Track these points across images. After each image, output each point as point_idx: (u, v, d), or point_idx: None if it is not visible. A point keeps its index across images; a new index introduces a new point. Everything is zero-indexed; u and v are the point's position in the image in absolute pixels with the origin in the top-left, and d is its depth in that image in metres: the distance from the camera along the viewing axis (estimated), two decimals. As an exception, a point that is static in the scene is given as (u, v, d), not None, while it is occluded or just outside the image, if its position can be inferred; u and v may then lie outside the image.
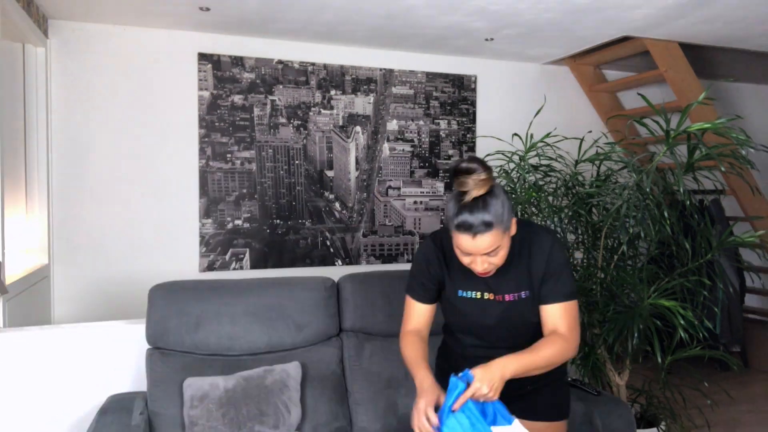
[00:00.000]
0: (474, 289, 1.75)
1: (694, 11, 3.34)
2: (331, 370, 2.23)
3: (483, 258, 1.60)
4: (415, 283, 1.80)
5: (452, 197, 1.60)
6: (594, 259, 2.69)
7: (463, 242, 1.58)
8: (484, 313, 1.75)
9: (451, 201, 1.60)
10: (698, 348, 2.68)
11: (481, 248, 1.57)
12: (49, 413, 2.23)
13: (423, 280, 1.79)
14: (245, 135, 3.92)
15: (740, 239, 2.52)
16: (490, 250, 1.58)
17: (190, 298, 2.18)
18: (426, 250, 1.80)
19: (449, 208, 1.60)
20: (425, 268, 1.78)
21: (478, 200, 1.55)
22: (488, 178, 1.56)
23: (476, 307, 1.75)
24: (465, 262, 1.64)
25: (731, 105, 5.33)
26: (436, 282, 1.78)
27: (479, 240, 1.56)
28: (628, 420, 2.07)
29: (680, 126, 2.30)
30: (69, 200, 3.58)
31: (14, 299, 2.69)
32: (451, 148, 4.45)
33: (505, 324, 1.75)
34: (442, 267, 1.77)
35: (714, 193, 4.35)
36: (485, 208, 1.54)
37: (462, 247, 1.59)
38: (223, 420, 1.95)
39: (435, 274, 1.78)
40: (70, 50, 3.57)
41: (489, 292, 1.74)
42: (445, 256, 1.77)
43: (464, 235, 1.56)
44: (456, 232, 1.57)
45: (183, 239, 3.81)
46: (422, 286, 1.79)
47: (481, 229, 1.54)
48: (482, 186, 1.54)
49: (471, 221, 1.54)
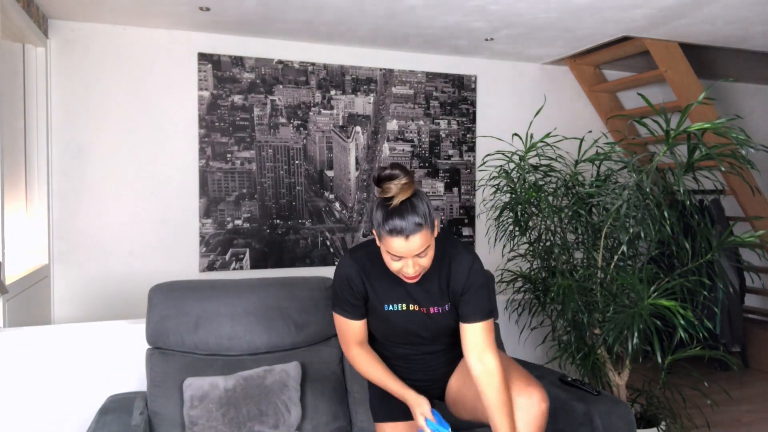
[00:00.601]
0: (399, 301, 1.80)
1: (694, 11, 3.34)
2: (331, 370, 2.23)
3: (414, 260, 1.65)
4: (341, 301, 1.83)
5: (377, 205, 1.66)
6: (594, 259, 2.69)
7: (396, 245, 1.62)
8: (413, 323, 1.83)
9: (378, 209, 1.65)
10: (698, 348, 2.68)
11: (413, 249, 1.62)
12: (49, 413, 2.23)
13: (349, 299, 1.82)
14: (245, 135, 3.92)
15: (740, 239, 2.52)
16: (421, 250, 1.63)
17: (190, 298, 2.18)
18: (346, 268, 1.82)
19: (377, 216, 1.64)
20: (347, 286, 1.81)
21: (405, 203, 1.61)
22: (410, 183, 1.63)
23: (404, 319, 1.82)
24: (395, 269, 1.68)
25: (731, 105, 5.33)
26: (361, 298, 1.82)
27: (412, 241, 1.61)
28: (628, 420, 2.07)
29: (680, 126, 2.30)
30: (69, 200, 3.58)
31: (14, 299, 2.69)
32: (451, 148, 4.45)
33: (433, 333, 1.85)
34: (364, 283, 1.80)
35: (714, 193, 4.35)
36: (413, 209, 1.61)
37: (395, 250, 1.63)
38: (223, 420, 1.95)
39: (358, 291, 1.81)
40: (70, 50, 3.57)
41: (414, 304, 1.80)
42: (365, 272, 1.80)
43: (397, 238, 1.60)
44: (388, 237, 1.62)
45: (183, 239, 3.81)
46: (350, 303, 1.82)
47: (412, 229, 1.60)
48: (407, 190, 1.61)
49: (402, 224, 1.59)
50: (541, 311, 2.89)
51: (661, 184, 2.53)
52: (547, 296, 2.80)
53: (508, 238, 2.92)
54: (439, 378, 1.99)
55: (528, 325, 3.02)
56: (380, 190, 1.65)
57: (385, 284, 1.80)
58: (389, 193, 1.62)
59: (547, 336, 2.97)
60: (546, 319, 2.97)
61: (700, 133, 2.33)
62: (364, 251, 1.84)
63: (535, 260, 2.91)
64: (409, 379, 1.94)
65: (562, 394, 2.12)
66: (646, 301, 2.39)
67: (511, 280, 2.99)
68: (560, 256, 2.74)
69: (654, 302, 2.37)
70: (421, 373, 1.96)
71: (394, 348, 1.92)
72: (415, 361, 1.94)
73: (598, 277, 2.64)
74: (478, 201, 4.48)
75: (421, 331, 1.84)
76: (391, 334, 1.86)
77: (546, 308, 2.85)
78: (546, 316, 2.89)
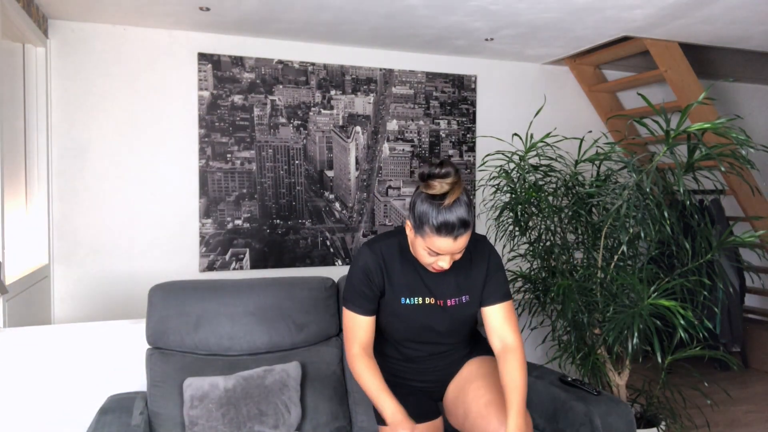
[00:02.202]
0: (416, 295, 1.78)
1: (694, 11, 3.34)
2: (331, 370, 2.23)
3: (451, 256, 1.64)
4: (355, 295, 1.78)
5: (423, 199, 1.61)
6: (594, 259, 2.69)
7: (442, 244, 1.59)
8: (429, 317, 1.79)
9: (424, 203, 1.60)
10: (698, 348, 2.68)
11: (459, 248, 1.61)
12: (49, 413, 2.23)
13: (365, 292, 1.77)
14: (245, 135, 3.92)
15: (740, 239, 2.52)
16: (464, 248, 1.63)
17: (190, 298, 2.18)
18: (366, 260, 1.77)
19: (424, 211, 1.60)
20: (365, 278, 1.77)
21: (456, 203, 1.58)
22: (460, 181, 1.60)
23: (421, 313, 1.79)
24: (428, 261, 1.66)
25: (731, 105, 5.33)
26: (377, 291, 1.78)
27: (459, 241, 1.59)
28: (628, 420, 2.06)
29: (680, 126, 2.30)
30: (69, 200, 3.58)
31: (14, 299, 2.69)
32: (451, 148, 4.45)
33: (448, 326, 1.81)
34: (383, 276, 1.77)
35: (714, 193, 4.35)
36: (464, 211, 1.58)
37: (440, 248, 1.60)
38: (223, 420, 1.95)
39: (377, 284, 1.77)
40: (70, 50, 3.57)
41: (431, 297, 1.78)
42: (386, 265, 1.77)
43: (446, 237, 1.58)
44: (435, 235, 1.59)
45: (183, 239, 3.81)
46: (365, 297, 1.77)
47: (462, 231, 1.58)
48: (458, 189, 1.58)
49: (453, 224, 1.57)
50: (541, 311, 2.89)
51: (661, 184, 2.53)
52: (547, 296, 2.80)
53: (508, 238, 2.92)
54: (445, 379, 1.97)
55: (528, 325, 3.02)
56: (425, 185, 1.61)
57: (402, 277, 1.77)
58: (436, 190, 1.58)
59: (547, 336, 2.97)
60: (546, 319, 2.97)
61: (700, 133, 2.33)
62: (383, 243, 1.80)
63: (535, 260, 2.91)
64: (414, 380, 1.93)
65: (562, 394, 2.12)
66: (646, 301, 2.39)
67: (511, 280, 2.99)
68: (560, 256, 2.74)
69: (654, 302, 2.37)
70: (429, 374, 1.94)
71: (405, 348, 1.89)
72: (422, 362, 1.91)
73: (598, 277, 2.64)
74: (478, 201, 4.48)
75: (436, 324, 1.81)
76: (405, 330, 1.82)
77: (546, 308, 2.85)
78: (546, 316, 2.89)
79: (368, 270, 1.77)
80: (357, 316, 1.79)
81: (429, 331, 1.83)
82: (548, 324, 2.99)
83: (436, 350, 1.89)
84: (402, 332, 1.85)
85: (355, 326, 1.80)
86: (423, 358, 1.91)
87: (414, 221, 1.64)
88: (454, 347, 1.93)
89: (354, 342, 1.80)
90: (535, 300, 2.92)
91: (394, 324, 1.83)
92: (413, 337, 1.85)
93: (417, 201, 1.63)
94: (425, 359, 1.91)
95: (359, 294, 1.78)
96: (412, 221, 1.66)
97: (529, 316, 2.97)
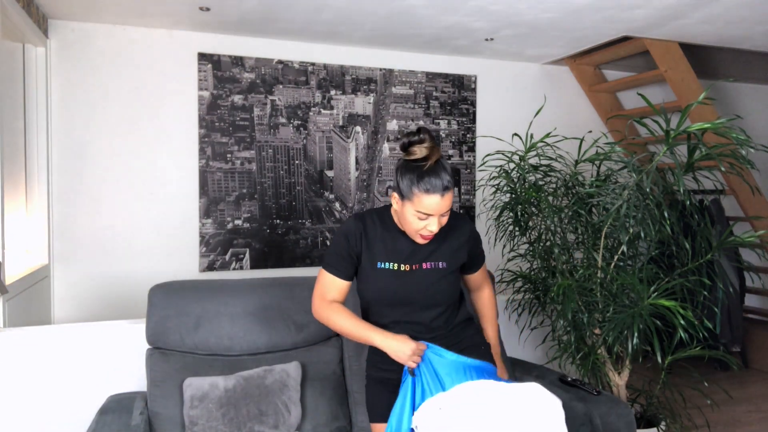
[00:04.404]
0: (392, 260, 1.85)
1: (694, 11, 3.34)
2: (331, 370, 2.23)
3: (439, 218, 1.75)
4: (334, 258, 1.87)
5: (404, 168, 1.74)
6: (594, 259, 2.69)
7: (431, 203, 1.70)
8: (406, 284, 1.85)
9: (407, 171, 1.73)
10: (698, 348, 2.68)
11: (446, 206, 1.73)
12: (49, 413, 2.23)
13: (342, 254, 1.85)
14: (245, 135, 3.92)
15: (740, 239, 2.52)
16: (450, 207, 1.75)
17: (190, 298, 2.18)
18: (347, 226, 1.88)
19: (408, 177, 1.72)
20: (344, 241, 1.85)
21: (438, 163, 1.72)
22: (437, 146, 1.75)
23: (394, 278, 1.85)
24: (417, 228, 1.76)
25: (731, 105, 5.33)
26: (354, 256, 1.86)
27: (446, 198, 1.72)
28: (628, 420, 2.07)
29: (680, 126, 2.30)
30: (69, 200, 3.58)
31: (14, 299, 2.69)
32: (451, 148, 4.45)
33: (422, 291, 1.86)
34: (361, 241, 1.86)
35: (714, 193, 4.35)
36: (445, 169, 1.73)
37: (429, 208, 1.71)
38: (223, 420, 1.95)
39: (354, 247, 1.85)
40: (70, 50, 3.57)
41: (406, 263, 1.85)
42: (365, 230, 1.87)
43: (433, 195, 1.70)
44: (423, 195, 1.70)
45: (183, 239, 3.81)
46: (342, 260, 1.85)
47: (447, 188, 1.71)
48: (437, 152, 1.73)
49: (439, 182, 1.70)
50: (541, 311, 2.89)
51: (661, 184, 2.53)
52: (547, 296, 2.80)
53: (508, 238, 2.92)
54: None
55: (528, 325, 3.02)
56: (407, 154, 1.75)
57: (380, 243, 1.85)
58: (418, 155, 1.72)
59: (547, 336, 2.97)
60: (546, 319, 2.97)
61: (700, 133, 2.33)
62: (368, 213, 1.91)
63: (535, 260, 2.91)
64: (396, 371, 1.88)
65: (562, 394, 2.12)
66: (646, 301, 2.39)
67: (511, 280, 2.99)
68: (560, 256, 2.74)
69: (654, 302, 2.37)
70: None
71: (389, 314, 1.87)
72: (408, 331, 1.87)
73: (598, 277, 2.64)
74: (478, 201, 4.48)
75: (413, 292, 1.84)
76: (384, 297, 1.86)
77: (546, 308, 2.85)
78: (546, 316, 2.89)
79: (348, 233, 1.85)
80: (332, 277, 1.85)
81: (408, 300, 1.84)
82: (548, 324, 2.99)
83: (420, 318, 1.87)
84: (382, 298, 1.85)
85: (326, 285, 1.87)
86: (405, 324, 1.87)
87: (401, 189, 1.74)
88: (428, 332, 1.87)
89: (324, 296, 1.87)
90: (535, 300, 2.92)
91: (373, 290, 1.86)
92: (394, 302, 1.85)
93: (401, 169, 1.75)
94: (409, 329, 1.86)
95: (336, 256, 1.85)
96: (399, 191, 1.76)
97: (529, 316, 2.97)
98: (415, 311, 1.87)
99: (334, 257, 1.86)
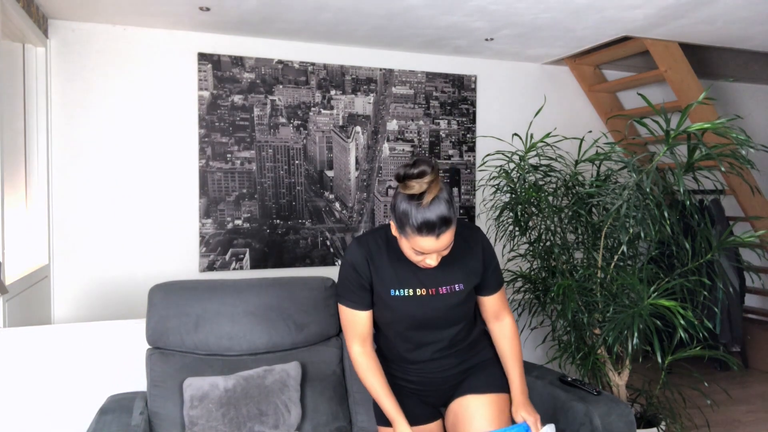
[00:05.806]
0: (405, 287, 1.77)
1: (694, 11, 3.34)
2: (331, 370, 2.23)
3: (438, 254, 1.63)
4: (347, 290, 1.79)
5: (401, 199, 1.59)
6: (594, 259, 2.69)
7: (425, 244, 1.58)
8: (420, 308, 1.78)
9: (403, 203, 1.58)
10: (698, 348, 2.68)
11: (443, 246, 1.60)
12: (49, 413, 2.23)
13: (356, 285, 1.77)
14: (245, 135, 3.92)
15: (740, 239, 2.52)
16: (449, 245, 1.62)
17: (190, 298, 2.18)
18: (352, 256, 1.78)
19: (404, 211, 1.58)
20: (353, 273, 1.77)
21: (435, 201, 1.56)
22: (438, 178, 1.58)
23: (412, 305, 1.77)
24: (416, 260, 1.66)
25: (731, 105, 5.33)
26: (367, 284, 1.78)
27: (442, 239, 1.58)
28: (628, 420, 2.06)
29: (680, 126, 2.30)
30: (69, 200, 3.58)
31: (14, 299, 2.69)
32: (451, 148, 4.45)
33: (442, 314, 1.80)
34: (369, 269, 1.77)
35: (714, 193, 4.35)
36: (444, 208, 1.56)
37: (422, 248, 1.59)
38: (223, 420, 1.95)
39: (365, 277, 1.77)
40: (70, 50, 3.57)
41: (422, 288, 1.77)
42: (372, 258, 1.77)
43: (427, 237, 1.57)
44: (417, 236, 1.57)
45: (183, 239, 3.81)
46: (355, 292, 1.78)
47: (444, 229, 1.57)
48: (435, 187, 1.56)
49: (434, 223, 1.55)
50: (541, 311, 2.89)
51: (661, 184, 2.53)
52: (547, 296, 2.80)
53: (508, 238, 2.92)
54: (443, 386, 1.92)
55: (528, 325, 3.02)
56: (403, 186, 1.59)
57: (390, 270, 1.76)
58: (414, 190, 1.56)
59: (547, 336, 2.97)
60: (546, 319, 2.97)
61: (700, 133, 2.33)
62: (371, 236, 1.81)
63: (535, 260, 2.91)
64: (413, 383, 1.91)
65: (562, 394, 2.12)
66: (646, 301, 2.39)
67: (511, 280, 2.99)
68: (560, 256, 2.74)
69: (654, 302, 2.37)
70: (429, 374, 1.90)
71: (402, 343, 1.85)
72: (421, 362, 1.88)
73: (598, 277, 2.64)
74: (478, 201, 4.48)
75: (429, 315, 1.78)
76: (398, 323, 1.80)
77: (546, 308, 2.85)
78: (546, 316, 2.89)
79: (355, 264, 1.77)
80: (352, 311, 1.80)
81: (423, 324, 1.80)
82: (548, 324, 2.99)
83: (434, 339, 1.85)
84: (396, 325, 1.82)
85: (351, 321, 1.81)
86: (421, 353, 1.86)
87: (396, 222, 1.63)
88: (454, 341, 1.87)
89: (353, 337, 1.81)
90: (535, 300, 2.92)
91: (387, 317, 1.81)
92: (408, 328, 1.82)
93: (397, 201, 1.61)
94: (423, 356, 1.87)
95: (350, 288, 1.78)
96: (394, 222, 1.65)
97: (529, 316, 2.97)
98: (432, 331, 1.83)
99: (348, 290, 1.78)
